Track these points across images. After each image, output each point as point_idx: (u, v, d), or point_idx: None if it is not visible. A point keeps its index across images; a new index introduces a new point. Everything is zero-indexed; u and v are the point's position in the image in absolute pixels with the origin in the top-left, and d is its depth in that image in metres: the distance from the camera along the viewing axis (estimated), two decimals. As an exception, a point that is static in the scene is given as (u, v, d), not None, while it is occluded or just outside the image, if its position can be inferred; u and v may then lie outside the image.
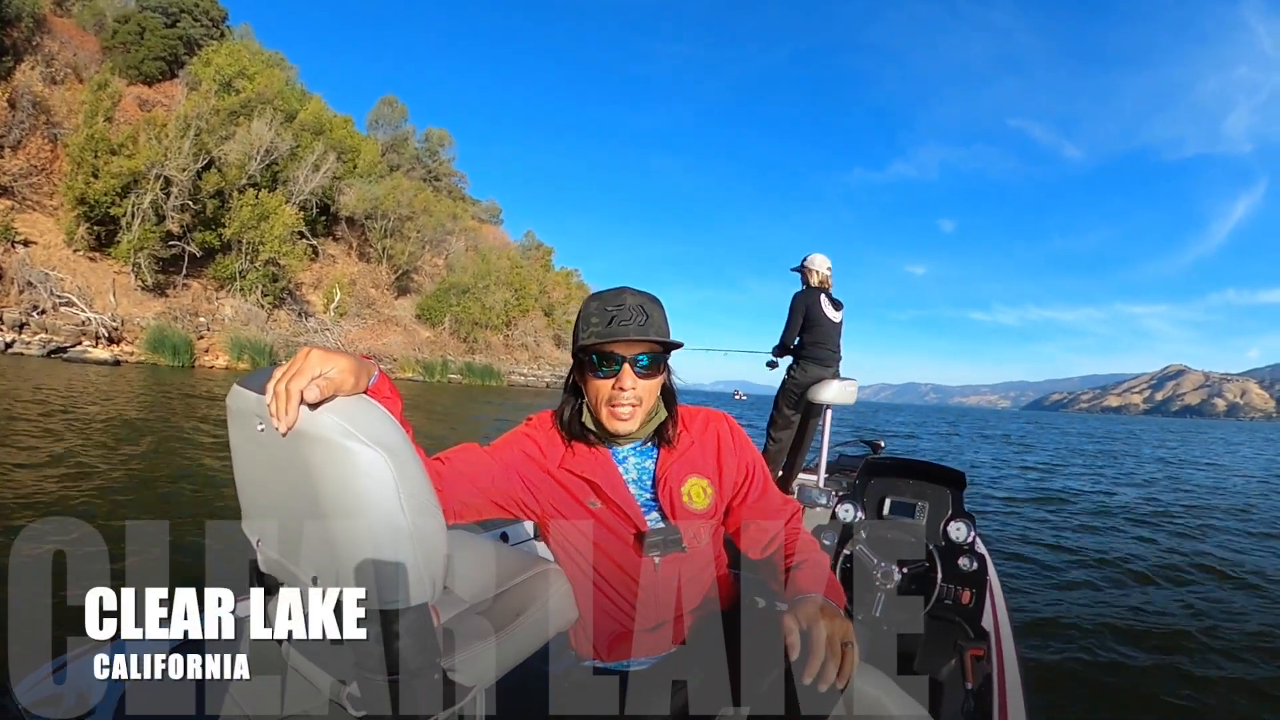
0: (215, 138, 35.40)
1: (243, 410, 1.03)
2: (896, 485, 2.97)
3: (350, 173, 47.17)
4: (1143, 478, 15.94)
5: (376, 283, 49.40)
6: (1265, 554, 7.76)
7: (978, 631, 2.53)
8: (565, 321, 69.83)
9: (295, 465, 0.94)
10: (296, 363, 0.94)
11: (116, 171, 30.13)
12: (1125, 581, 6.18)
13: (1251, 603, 5.81)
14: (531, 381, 56.99)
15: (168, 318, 31.80)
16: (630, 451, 1.52)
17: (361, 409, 0.96)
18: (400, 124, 60.97)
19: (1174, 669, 4.30)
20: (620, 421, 1.41)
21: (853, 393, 4.84)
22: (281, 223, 37.02)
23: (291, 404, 0.90)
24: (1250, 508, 11.47)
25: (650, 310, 1.40)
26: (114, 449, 8.70)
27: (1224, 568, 6.86)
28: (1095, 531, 8.43)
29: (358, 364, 1.00)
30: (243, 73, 40.11)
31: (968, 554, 2.64)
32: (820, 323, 5.13)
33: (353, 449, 0.90)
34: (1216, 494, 13.40)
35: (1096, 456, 21.25)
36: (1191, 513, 10.46)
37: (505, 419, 18.35)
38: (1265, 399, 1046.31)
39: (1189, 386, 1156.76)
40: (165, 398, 16.04)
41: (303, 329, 39.91)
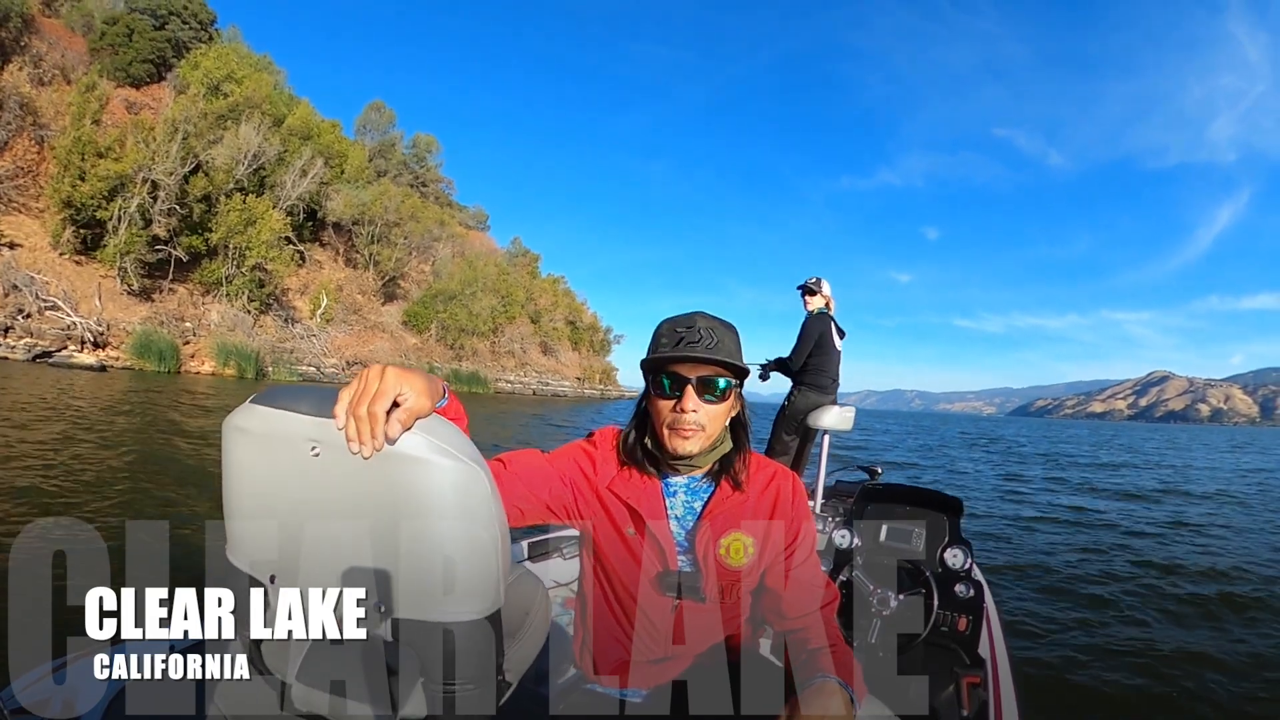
0: (203, 141, 35.20)
1: (281, 433, 0.97)
2: (893, 511, 2.95)
3: (338, 178, 47.07)
4: (1147, 488, 15.73)
5: (363, 289, 49.25)
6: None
7: (974, 659, 2.53)
8: (552, 328, 69.89)
9: (373, 489, 0.92)
10: (372, 383, 0.90)
11: (104, 174, 29.90)
12: (1125, 608, 6.09)
13: (1258, 630, 5.69)
14: (518, 389, 56.96)
15: (154, 323, 31.52)
16: (683, 486, 1.47)
17: (445, 426, 0.96)
18: (388, 129, 60.97)
19: (1174, 699, 4.27)
20: (681, 440, 1.36)
21: (850, 419, 4.81)
22: (268, 228, 36.85)
23: (378, 427, 0.88)
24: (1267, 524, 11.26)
25: (720, 334, 1.36)
26: (113, 455, 8.72)
27: (1229, 589, 6.75)
28: (1097, 554, 8.27)
29: (430, 383, 0.97)
30: (230, 76, 40.09)
31: (964, 580, 2.64)
32: (828, 351, 5.17)
33: (451, 465, 0.90)
34: (1225, 507, 13.17)
35: (1095, 469, 21.15)
36: (1200, 530, 10.34)
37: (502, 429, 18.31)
38: (1249, 404, 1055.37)
39: (1173, 392, 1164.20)
40: (156, 404, 15.95)
41: (289, 335, 39.70)
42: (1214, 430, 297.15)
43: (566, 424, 25.39)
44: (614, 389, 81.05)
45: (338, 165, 47.45)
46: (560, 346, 72.33)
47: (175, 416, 14.18)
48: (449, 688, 0.98)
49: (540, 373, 63.95)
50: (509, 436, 18.42)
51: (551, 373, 66.67)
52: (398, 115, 62.03)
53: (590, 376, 75.05)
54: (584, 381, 72.30)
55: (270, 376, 34.81)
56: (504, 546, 0.99)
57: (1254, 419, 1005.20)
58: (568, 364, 72.48)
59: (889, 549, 2.82)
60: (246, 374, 33.05)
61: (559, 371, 68.74)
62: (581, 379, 72.34)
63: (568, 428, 21.71)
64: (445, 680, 0.97)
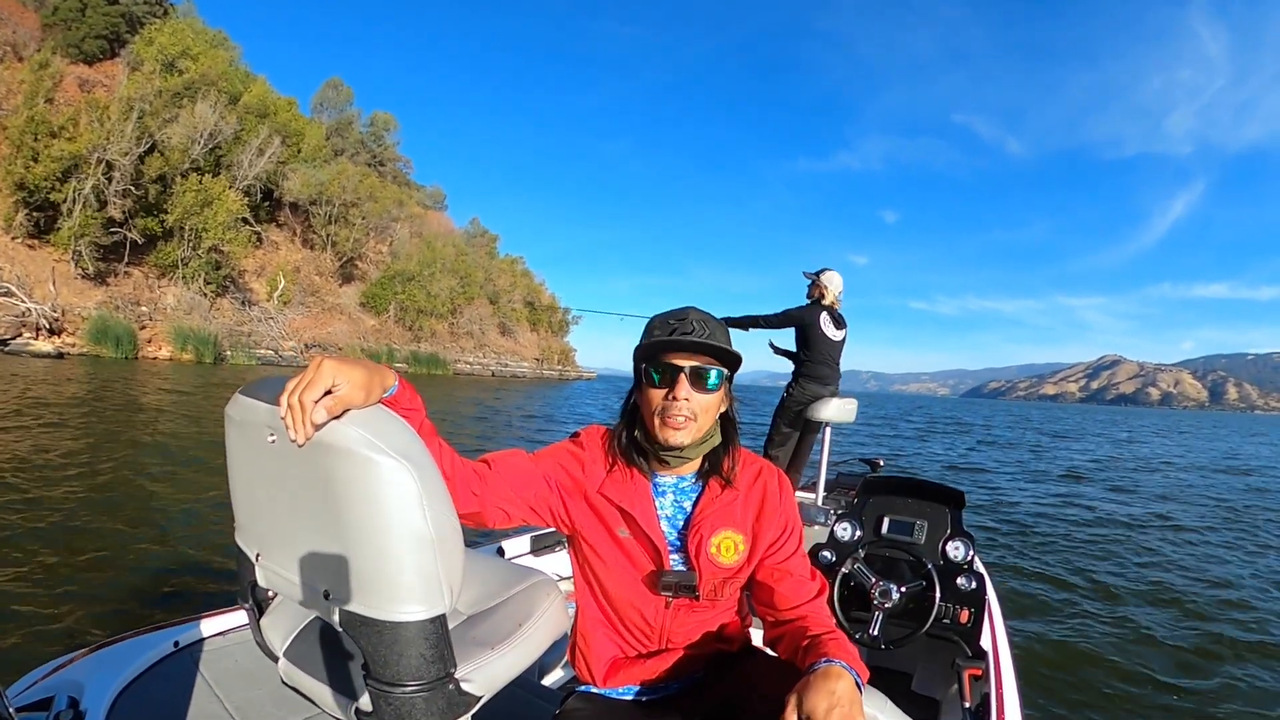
0: (158, 120, 34.64)
1: (250, 421, 1.01)
2: (895, 504, 2.94)
3: (294, 157, 46.42)
4: (1146, 482, 15.93)
5: (320, 270, 48.80)
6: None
7: (976, 651, 2.52)
8: (510, 310, 69.79)
9: (314, 478, 0.94)
10: (309, 372, 0.94)
11: (57, 155, 29.41)
12: (1127, 600, 6.13)
13: (1265, 618, 5.81)
14: (477, 370, 57.17)
15: (109, 307, 31.16)
16: (672, 486, 1.49)
17: (381, 419, 0.96)
18: (345, 107, 59.98)
19: (1177, 689, 4.30)
20: (673, 430, 1.38)
21: (852, 411, 4.78)
22: (225, 209, 36.47)
23: (308, 416, 0.90)
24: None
25: (713, 327, 1.40)
26: (93, 447, 8.81)
27: (1230, 580, 6.92)
28: (1098, 545, 8.33)
29: (371, 375, 0.99)
30: (186, 52, 39.26)
31: (966, 573, 2.63)
32: (820, 342, 5.08)
33: (376, 459, 0.90)
34: (1221, 497, 13.58)
35: (1094, 463, 20.69)
36: (1199, 519, 10.70)
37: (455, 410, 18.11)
38: (1198, 389, 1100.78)
39: (1124, 376, 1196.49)
40: (130, 392, 15.74)
41: (246, 318, 39.46)
42: (1164, 414, 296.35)
43: (523, 410, 24.01)
44: (572, 370, 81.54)
45: (294, 144, 46.79)
46: (519, 328, 72.44)
47: (143, 403, 14.32)
48: (381, 686, 0.97)
49: (499, 354, 64.14)
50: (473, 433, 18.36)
51: (510, 354, 66.89)
52: (355, 93, 61.13)
53: (549, 357, 75.31)
54: (543, 362, 72.62)
55: (229, 361, 34.71)
56: (446, 549, 0.97)
57: (1203, 403, 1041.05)
58: (526, 345, 72.68)
59: (891, 541, 2.81)
60: (205, 358, 32.81)
61: (518, 352, 68.97)
62: (540, 360, 72.59)
63: (529, 417, 21.47)
64: (377, 678, 0.98)
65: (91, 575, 4.42)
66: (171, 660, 1.68)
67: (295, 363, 38.44)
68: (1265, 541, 9.39)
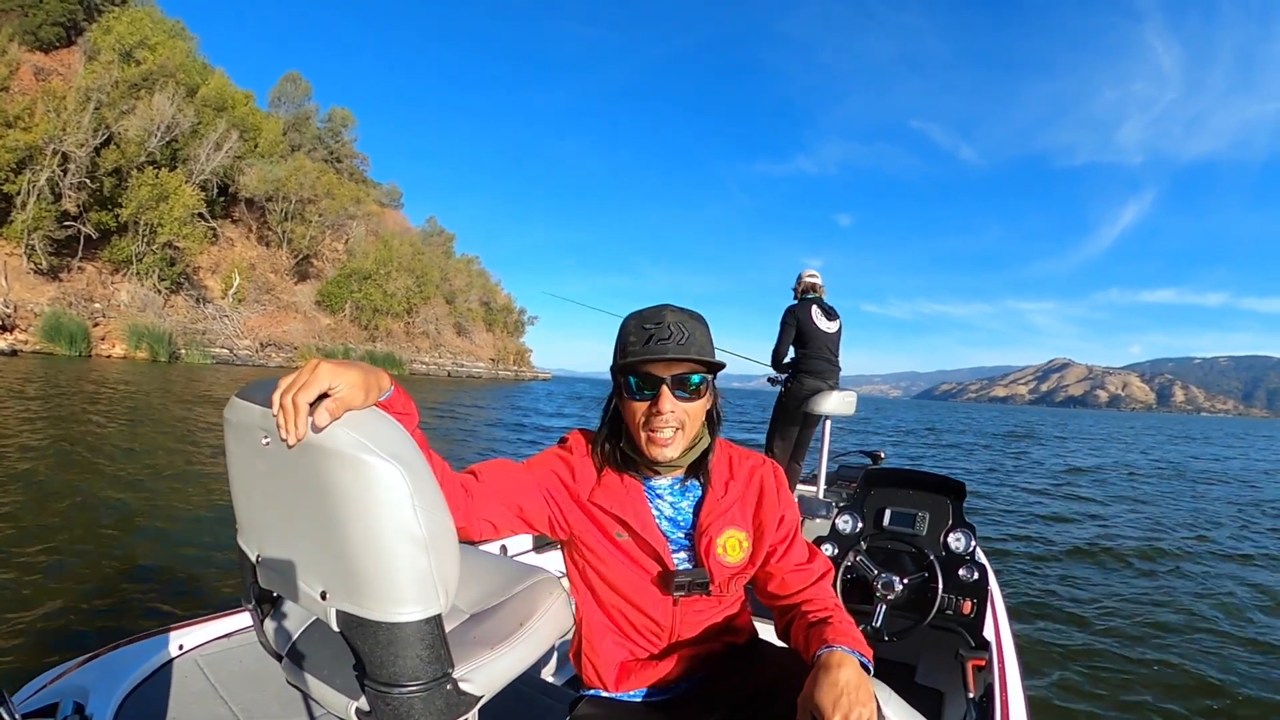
0: (115, 111, 33.95)
1: (245, 423, 1.01)
2: (897, 496, 2.92)
3: (251, 152, 45.67)
4: (1144, 473, 16.12)
5: (276, 267, 48.22)
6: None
7: (979, 641, 2.52)
8: (466, 309, 69.45)
9: (306, 479, 0.93)
10: (304, 375, 0.92)
11: (12, 146, 28.76)
12: (1130, 592, 6.19)
13: (1262, 612, 5.84)
14: (433, 370, 56.98)
15: (62, 303, 30.46)
16: (667, 488, 1.46)
17: (374, 421, 0.96)
18: (303, 102, 59.19)
19: (1179, 680, 4.29)
20: (660, 448, 1.35)
21: (852, 403, 4.71)
22: (181, 204, 35.85)
23: (300, 418, 0.90)
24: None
25: (690, 328, 1.33)
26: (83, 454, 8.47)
27: (1233, 572, 6.99)
28: (1100, 541, 8.33)
29: (367, 377, 0.98)
30: (144, 42, 38.36)
31: (968, 564, 2.63)
32: (813, 335, 5.11)
33: (368, 461, 0.89)
34: (1221, 495, 13.76)
35: (1094, 455, 21.13)
36: (1198, 515, 10.83)
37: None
38: (1145, 391, 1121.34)
39: (1073, 379, 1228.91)
40: (101, 392, 14.94)
41: (200, 315, 38.85)
42: (1111, 415, 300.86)
43: (480, 407, 23.74)
44: (528, 370, 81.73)
45: (251, 139, 46.03)
46: (474, 328, 72.36)
47: (112, 403, 13.99)
48: (379, 687, 0.98)
49: (455, 354, 63.99)
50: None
51: (466, 354, 66.79)
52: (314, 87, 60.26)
53: (505, 358, 75.32)
54: (499, 363, 72.62)
55: (184, 359, 34.17)
56: (440, 550, 0.97)
57: (1150, 405, 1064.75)
58: (482, 345, 72.71)
59: (892, 533, 2.81)
60: (159, 357, 32.24)
61: (474, 353, 68.92)
62: (496, 360, 72.59)
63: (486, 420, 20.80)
64: (374, 679, 0.98)
65: (92, 578, 4.44)
66: (176, 663, 1.69)
67: (250, 362, 38.09)
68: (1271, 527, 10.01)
